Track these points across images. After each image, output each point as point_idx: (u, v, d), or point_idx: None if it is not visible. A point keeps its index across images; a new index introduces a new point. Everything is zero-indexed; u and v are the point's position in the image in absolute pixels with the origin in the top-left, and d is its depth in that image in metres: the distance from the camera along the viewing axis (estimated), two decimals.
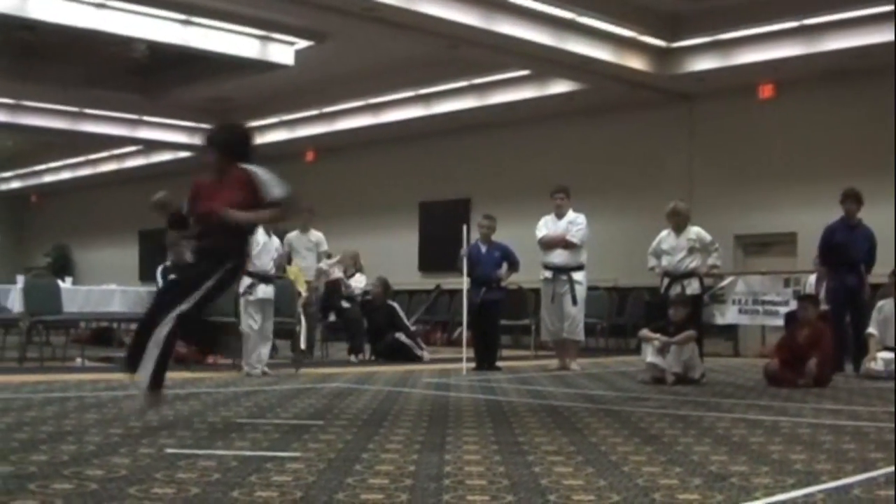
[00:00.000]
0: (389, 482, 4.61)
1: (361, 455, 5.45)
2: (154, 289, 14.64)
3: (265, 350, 12.03)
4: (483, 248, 13.35)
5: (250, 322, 11.86)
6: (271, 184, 7.40)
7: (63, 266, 30.89)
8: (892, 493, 4.54)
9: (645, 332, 11.51)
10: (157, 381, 6.73)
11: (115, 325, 17.98)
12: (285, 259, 13.17)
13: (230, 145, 7.53)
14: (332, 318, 15.51)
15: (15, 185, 31.98)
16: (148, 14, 15.78)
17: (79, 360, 13.03)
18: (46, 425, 6.60)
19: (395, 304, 15.69)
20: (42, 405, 7.95)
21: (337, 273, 15.62)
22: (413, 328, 15.77)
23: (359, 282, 15.85)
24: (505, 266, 13.31)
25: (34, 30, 15.95)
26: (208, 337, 13.64)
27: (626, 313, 18.32)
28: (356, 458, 5.35)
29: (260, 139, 23.02)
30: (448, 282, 17.49)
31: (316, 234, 15.07)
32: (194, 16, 16.10)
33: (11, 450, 5.47)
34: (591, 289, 14.07)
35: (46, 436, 6.07)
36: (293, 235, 14.88)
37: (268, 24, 16.58)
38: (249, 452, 5.54)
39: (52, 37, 16.60)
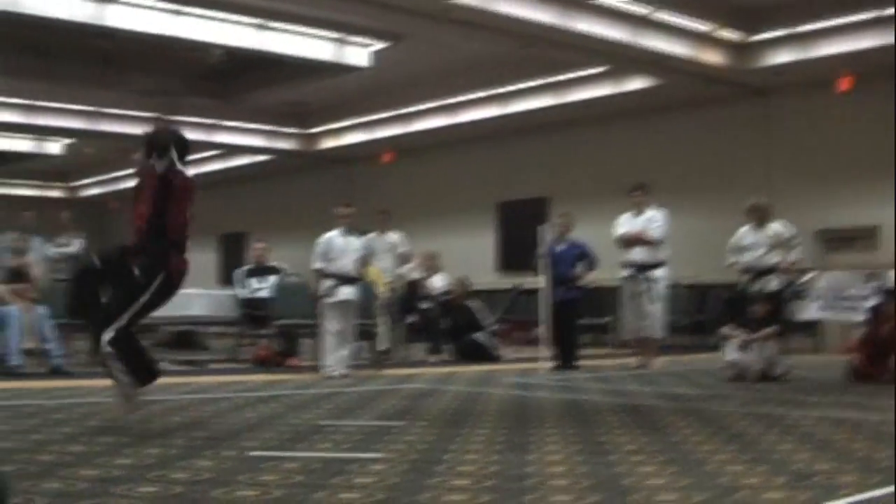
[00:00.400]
0: (472, 483, 4.63)
1: (443, 456, 5.46)
2: (233, 292, 14.79)
3: (346, 352, 12.07)
4: (560, 247, 13.30)
5: (329, 324, 11.92)
6: None
7: None
8: None
9: (726, 329, 11.42)
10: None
11: (196, 328, 18.23)
12: (367, 261, 13.18)
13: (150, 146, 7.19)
14: (411, 318, 15.54)
15: (95, 191, 32.37)
16: (224, 19, 15.91)
17: (162, 363, 13.13)
18: (132, 428, 6.68)
19: (474, 305, 15.68)
20: None
21: (416, 274, 15.67)
22: (492, 328, 15.75)
23: (438, 282, 15.87)
24: (582, 264, 13.25)
25: (112, 38, 16.12)
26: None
27: (706, 310, 18.18)
28: (438, 459, 5.36)
29: (337, 141, 23.19)
30: (526, 281, 17.43)
31: (394, 236, 15.09)
32: (270, 20, 16.20)
33: (97, 453, 5.54)
34: (671, 286, 13.97)
35: (132, 439, 6.14)
36: (371, 237, 14.90)
37: (343, 27, 16.64)
38: (332, 454, 5.58)
39: (129, 44, 16.79)
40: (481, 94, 19.91)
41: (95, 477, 4.77)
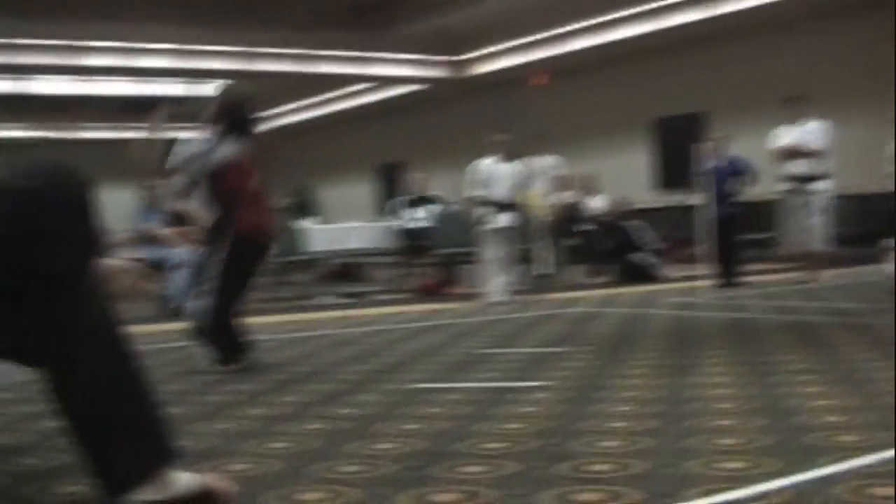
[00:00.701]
0: (637, 407, 4.59)
1: (606, 382, 5.43)
2: (392, 223, 14.90)
3: (507, 278, 12.09)
4: (718, 163, 13.06)
5: (489, 251, 11.95)
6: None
7: (305, 205, 31.59)
8: None
9: (887, 241, 11.08)
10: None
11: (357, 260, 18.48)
12: (524, 186, 13.14)
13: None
14: (571, 241, 15.49)
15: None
16: None
17: (324, 298, 13.35)
18: (299, 365, 6.80)
19: (636, 223, 15.53)
20: (295, 345, 8.20)
21: (574, 196, 15.60)
22: (652, 247, 15.59)
23: (596, 203, 15.76)
24: (741, 179, 12.99)
25: None
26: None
27: (873, 221, 17.70)
28: (601, 384, 5.34)
29: (490, 66, 23.09)
30: (688, 197, 17.17)
31: (550, 159, 15.04)
32: None
33: (265, 391, 5.65)
34: (835, 198, 13.62)
35: (300, 376, 6.24)
36: (527, 161, 14.87)
37: None
38: (496, 384, 5.59)
39: None
40: (633, 10, 19.59)
41: (263, 415, 4.85)
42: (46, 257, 2.71)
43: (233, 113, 7.16)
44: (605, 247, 15.17)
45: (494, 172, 12.15)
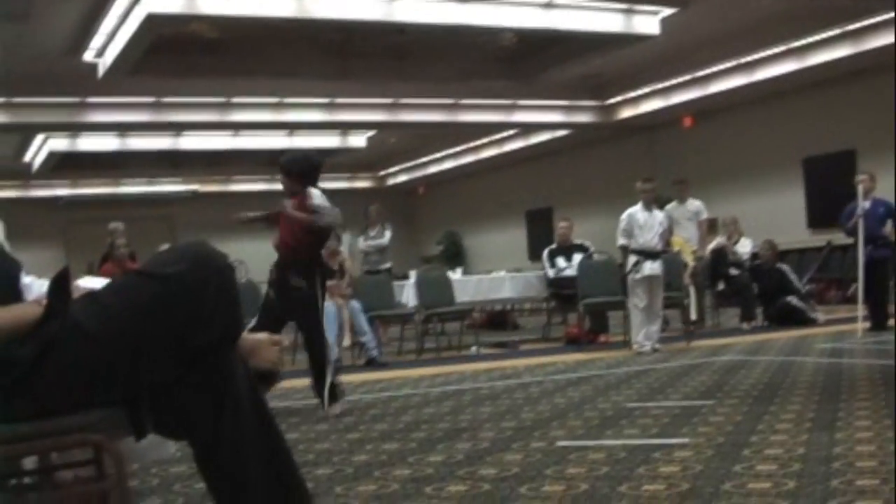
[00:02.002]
0: (777, 468, 4.56)
1: (750, 438, 5.40)
2: (541, 271, 14.95)
3: (655, 327, 12.04)
4: (867, 205, 12.82)
5: (636, 300, 11.93)
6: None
7: (455, 253, 31.84)
8: None
9: None
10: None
11: (508, 307, 18.56)
12: (669, 233, 13.12)
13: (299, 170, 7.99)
14: (720, 286, 15.36)
15: (402, 178, 33.17)
16: (510, 2, 16.03)
17: (473, 348, 13.44)
18: (443, 422, 6.88)
19: (785, 266, 15.34)
20: (439, 400, 8.27)
21: (721, 240, 15.48)
22: (805, 289, 15.37)
23: (744, 246, 15.59)
24: (890, 223, 12.72)
25: (404, 32, 16.51)
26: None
27: None
28: (745, 441, 5.31)
29: (635, 110, 23.05)
30: (839, 237, 16.87)
31: (694, 204, 14.98)
32: None
33: (410, 451, 5.73)
34: None
35: (443, 434, 6.32)
36: (671, 207, 14.84)
37: None
38: (638, 441, 5.60)
39: (421, 36, 17.15)
40: (776, 49, 19.38)
41: (408, 477, 4.94)
42: (194, 336, 2.85)
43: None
44: (753, 291, 14.98)
45: (640, 221, 12.13)
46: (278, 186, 8.45)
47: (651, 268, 11.94)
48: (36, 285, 4.06)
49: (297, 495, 3.09)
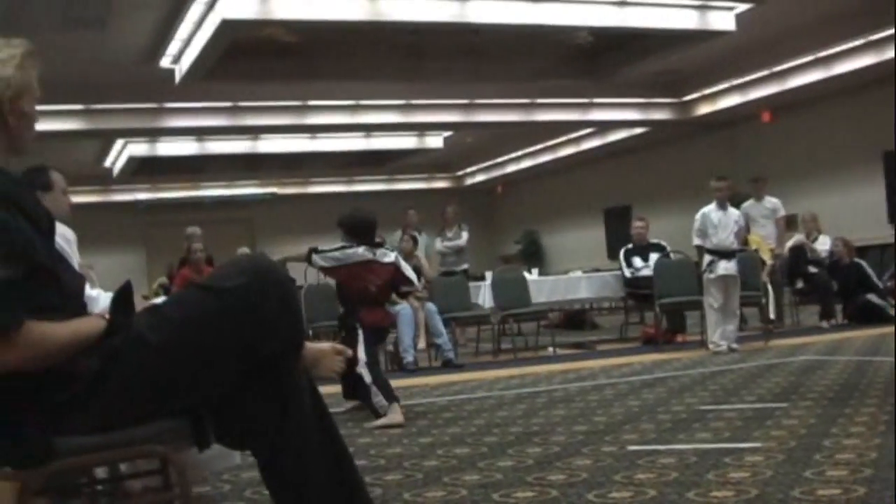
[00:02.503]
0: (848, 473, 4.51)
1: (823, 442, 5.34)
2: (619, 271, 14.88)
3: (731, 326, 11.96)
4: None
5: (711, 300, 11.86)
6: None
7: (533, 252, 31.80)
8: None
9: None
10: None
11: (586, 307, 18.51)
12: (745, 232, 13.02)
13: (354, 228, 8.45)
14: (799, 284, 15.20)
15: (480, 178, 33.17)
16: (583, 1, 15.97)
17: (550, 349, 13.41)
18: (515, 425, 6.87)
19: (863, 262, 15.14)
20: (513, 403, 8.27)
21: (799, 237, 15.33)
22: (883, 286, 15.15)
23: (823, 244, 15.41)
24: None
25: (478, 32, 16.51)
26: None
27: None
28: (817, 445, 5.26)
29: (712, 106, 22.87)
30: None
31: (771, 201, 14.85)
32: None
33: (481, 455, 5.74)
34: None
35: (514, 438, 6.32)
36: (748, 204, 14.71)
37: None
38: (709, 445, 5.56)
39: (495, 36, 17.13)
40: (855, 42, 19.14)
41: (476, 483, 4.94)
42: (255, 347, 2.90)
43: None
44: (833, 288, 14.80)
45: (714, 220, 12.06)
46: (356, 188, 8.80)
47: (725, 267, 11.87)
48: (102, 298, 4.13)
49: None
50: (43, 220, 2.93)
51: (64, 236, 5.02)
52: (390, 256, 8.43)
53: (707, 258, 12.00)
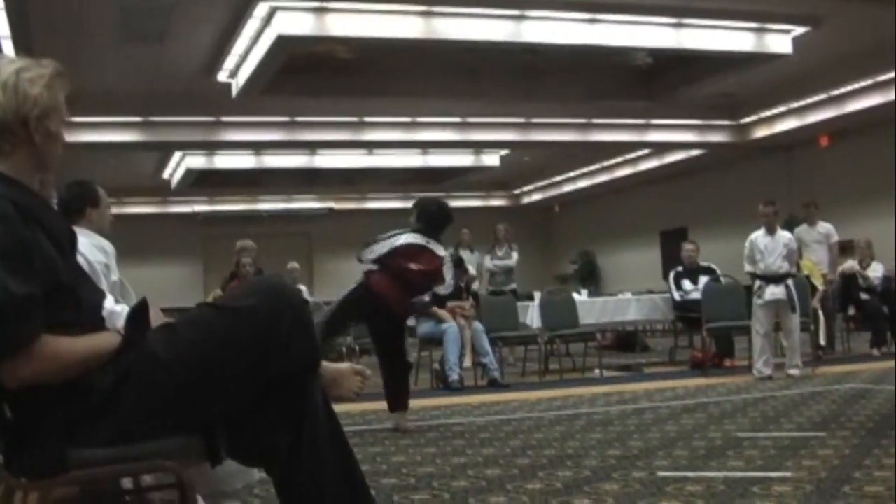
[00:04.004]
0: None
1: (854, 473, 5.29)
2: (668, 294, 14.81)
3: (791, 352, 11.89)
4: None
5: (758, 325, 11.80)
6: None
7: (589, 272, 31.73)
8: None
9: None
10: None
11: (637, 328, 18.43)
12: (796, 255, 12.92)
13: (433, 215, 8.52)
14: (851, 311, 15.07)
15: (537, 197, 33.14)
16: (640, 22, 15.94)
17: (597, 371, 13.36)
18: (550, 448, 6.85)
19: None
20: (551, 425, 8.25)
21: (852, 264, 15.19)
22: None
23: (876, 270, 15.26)
24: None
25: (534, 52, 16.53)
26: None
27: None
28: (848, 477, 5.20)
29: (769, 130, 22.73)
30: None
31: (825, 226, 14.72)
32: (686, 17, 16.11)
33: (511, 477, 5.74)
34: None
35: (547, 461, 6.31)
36: (802, 229, 14.62)
37: (761, 16, 16.32)
38: (740, 473, 5.53)
39: (552, 56, 17.15)
40: None
41: None
42: (268, 367, 2.94)
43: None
44: (885, 315, 14.65)
45: (760, 246, 12.01)
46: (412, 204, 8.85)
47: (773, 292, 11.79)
48: (124, 313, 4.17)
49: None
50: (64, 237, 2.98)
51: (103, 249, 5.09)
52: (442, 251, 8.39)
53: (756, 283, 11.95)
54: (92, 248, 4.84)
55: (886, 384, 10.15)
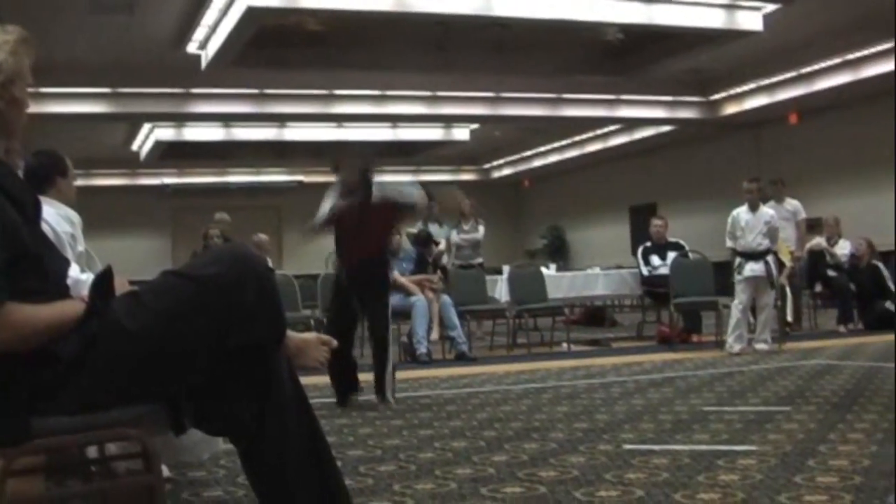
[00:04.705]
0: (838, 480, 4.49)
1: (818, 448, 5.33)
2: (637, 270, 14.84)
3: (748, 328, 11.96)
4: None
5: (736, 301, 11.85)
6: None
7: (558, 247, 31.79)
8: None
9: None
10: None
11: (606, 303, 18.48)
12: (778, 233, 12.93)
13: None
14: (818, 287, 15.15)
15: (507, 171, 33.11)
16: None
17: (565, 344, 13.40)
18: (517, 421, 6.86)
19: (881, 266, 15.06)
20: (518, 398, 8.25)
21: (819, 241, 15.27)
22: None
23: (842, 248, 15.35)
24: None
25: (505, 26, 16.49)
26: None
27: None
28: (812, 451, 5.24)
29: (739, 107, 22.78)
30: None
31: (792, 203, 14.77)
32: None
33: (477, 449, 5.74)
34: None
35: (513, 433, 6.31)
36: (769, 206, 14.66)
37: None
38: (705, 447, 5.55)
39: (523, 30, 17.10)
40: (883, 46, 19.01)
41: (468, 476, 4.94)
42: (232, 337, 2.91)
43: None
44: (851, 292, 14.74)
45: (741, 222, 12.05)
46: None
47: (752, 269, 11.85)
48: (89, 282, 4.15)
49: (337, 495, 3.14)
50: (29, 205, 2.95)
51: (70, 219, 5.05)
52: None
53: (736, 260, 12.01)
54: (58, 217, 4.80)
55: (852, 360, 10.25)
